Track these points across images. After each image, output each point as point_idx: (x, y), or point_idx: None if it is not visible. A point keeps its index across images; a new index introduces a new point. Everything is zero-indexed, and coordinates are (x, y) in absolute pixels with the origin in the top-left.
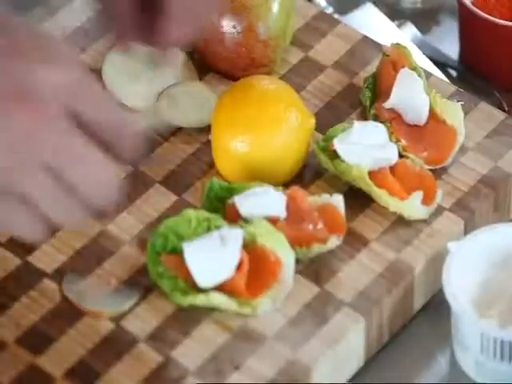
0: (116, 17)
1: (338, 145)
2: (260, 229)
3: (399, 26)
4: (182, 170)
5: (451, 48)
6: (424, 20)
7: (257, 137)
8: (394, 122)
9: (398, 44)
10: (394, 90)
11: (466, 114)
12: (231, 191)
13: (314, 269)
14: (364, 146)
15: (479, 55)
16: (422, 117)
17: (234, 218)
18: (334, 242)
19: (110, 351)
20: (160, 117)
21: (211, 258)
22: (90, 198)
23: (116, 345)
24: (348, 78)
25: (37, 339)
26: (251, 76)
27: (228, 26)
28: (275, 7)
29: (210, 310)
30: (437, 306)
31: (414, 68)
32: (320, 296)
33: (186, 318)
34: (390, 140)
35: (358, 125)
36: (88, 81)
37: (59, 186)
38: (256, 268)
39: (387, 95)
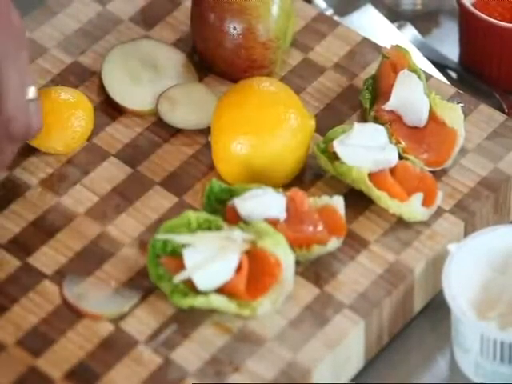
0: None
1: (338, 147)
2: (260, 230)
3: (399, 27)
4: (182, 172)
5: (451, 50)
6: (424, 22)
7: (257, 138)
8: (394, 123)
9: (397, 46)
10: (394, 91)
11: (465, 115)
12: (231, 193)
13: (314, 270)
14: (364, 148)
15: (479, 57)
16: (421, 119)
17: (233, 219)
18: (334, 243)
19: (109, 353)
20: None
21: (211, 260)
22: None
23: (116, 347)
24: (348, 79)
25: (37, 341)
26: (251, 78)
27: (228, 27)
28: (275, 9)
29: (209, 312)
30: (437, 308)
31: (414, 70)
32: (320, 298)
33: (186, 320)
34: (390, 142)
35: (357, 126)
36: None
37: None
38: (256, 270)
39: (387, 97)
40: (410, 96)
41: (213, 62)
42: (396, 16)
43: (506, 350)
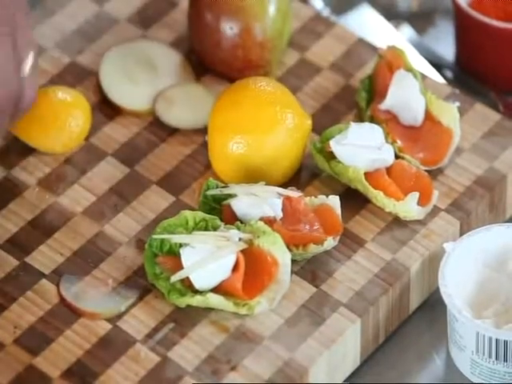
0: None
1: (335, 146)
2: (256, 230)
3: (395, 27)
4: (179, 171)
5: (447, 49)
6: (420, 21)
7: (253, 138)
8: (390, 123)
9: (393, 46)
10: (390, 91)
11: (461, 115)
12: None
13: (311, 269)
14: (360, 147)
15: (475, 56)
16: (417, 118)
17: (230, 218)
18: (330, 243)
19: (107, 352)
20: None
21: (208, 259)
22: None
23: (113, 345)
24: (344, 79)
25: (34, 340)
26: (248, 77)
27: (225, 27)
28: (272, 9)
29: (206, 311)
30: (433, 306)
31: (410, 69)
32: (316, 296)
33: (183, 319)
34: (386, 141)
35: (354, 126)
36: None
37: None
38: (252, 269)
39: (383, 96)
40: (406, 95)
41: (210, 61)
42: (392, 15)
43: (502, 348)
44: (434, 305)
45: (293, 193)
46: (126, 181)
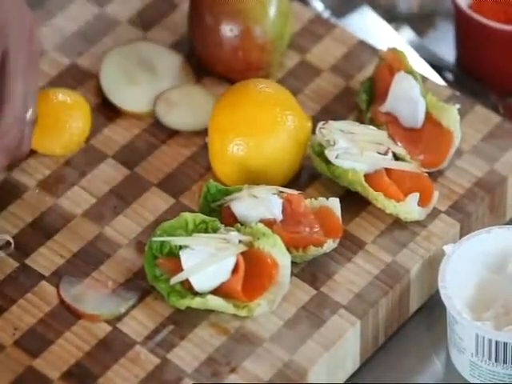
0: None
1: (331, 156)
2: (256, 232)
3: (396, 29)
4: (179, 173)
5: (447, 51)
6: (420, 23)
7: (253, 140)
8: (391, 125)
9: (394, 48)
10: (391, 93)
11: (462, 117)
12: (228, 194)
13: (311, 271)
14: (358, 150)
15: (475, 58)
16: (418, 120)
17: (230, 220)
18: (330, 245)
19: (106, 354)
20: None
21: (208, 262)
22: None
23: (113, 347)
24: (344, 81)
25: (34, 342)
26: (248, 79)
27: (225, 29)
28: (272, 11)
29: (206, 313)
30: (432, 308)
31: (410, 71)
32: (316, 298)
33: (183, 321)
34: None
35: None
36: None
37: None
38: (252, 271)
39: (383, 98)
40: (407, 97)
41: (210, 63)
42: (393, 18)
43: (501, 350)
44: (433, 307)
45: (293, 191)
46: (125, 183)
